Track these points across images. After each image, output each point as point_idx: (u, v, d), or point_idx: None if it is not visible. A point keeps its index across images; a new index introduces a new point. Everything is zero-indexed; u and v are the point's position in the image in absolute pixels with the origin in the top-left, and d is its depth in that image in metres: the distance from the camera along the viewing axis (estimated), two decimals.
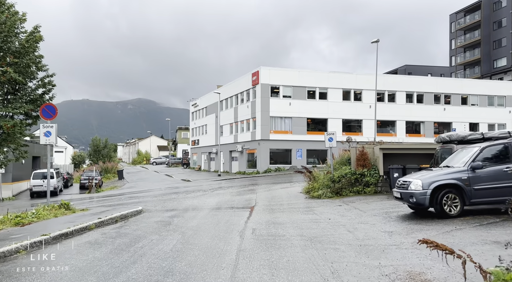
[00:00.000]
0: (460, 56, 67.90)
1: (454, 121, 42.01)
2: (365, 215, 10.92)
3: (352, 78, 39.69)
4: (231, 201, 17.21)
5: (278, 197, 17.69)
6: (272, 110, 37.17)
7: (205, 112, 52.44)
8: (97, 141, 52.09)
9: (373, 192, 16.38)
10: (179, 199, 19.18)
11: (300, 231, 8.92)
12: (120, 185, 35.92)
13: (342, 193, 16.55)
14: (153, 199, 20.12)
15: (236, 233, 9.09)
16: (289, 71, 38.55)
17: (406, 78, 42.40)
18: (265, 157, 36.80)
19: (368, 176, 16.62)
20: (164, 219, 12.26)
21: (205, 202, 17.17)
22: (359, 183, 16.67)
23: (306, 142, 37.75)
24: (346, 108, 39.12)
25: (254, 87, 38.19)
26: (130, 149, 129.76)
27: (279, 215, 12.08)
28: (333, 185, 16.84)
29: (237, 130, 42.63)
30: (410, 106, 41.13)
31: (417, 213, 10.49)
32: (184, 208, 15.25)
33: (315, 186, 17.56)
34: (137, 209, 14.19)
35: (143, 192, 25.79)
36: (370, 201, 14.08)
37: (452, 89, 42.26)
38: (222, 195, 20.24)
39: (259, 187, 23.30)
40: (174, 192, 23.35)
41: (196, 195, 21.00)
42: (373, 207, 12.55)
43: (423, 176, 9.55)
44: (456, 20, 68.51)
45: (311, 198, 16.63)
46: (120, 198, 22.82)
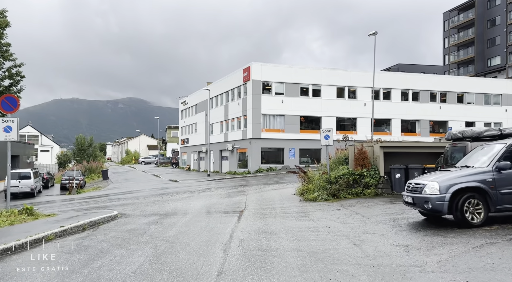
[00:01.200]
0: (454, 54, 67.16)
1: (450, 120, 40.97)
2: (369, 222, 9.50)
3: (347, 75, 38.40)
4: (219, 204, 15.71)
5: (270, 200, 16.24)
6: (264, 108, 35.71)
7: (194, 110, 50.76)
8: (82, 140, 50.00)
9: (374, 194, 15.00)
10: (162, 202, 17.62)
11: (296, 244, 7.46)
12: (103, 185, 34.14)
13: (340, 195, 15.15)
14: (134, 202, 18.53)
15: (220, 246, 7.60)
16: (282, 67, 37.12)
17: (401, 76, 41.24)
18: (257, 156, 35.33)
19: (368, 176, 15.24)
20: (140, 226, 10.71)
21: (190, 205, 15.65)
22: (358, 184, 15.28)
23: (299, 141, 36.35)
24: (340, 106, 37.82)
25: (245, 83, 36.68)
26: (119, 148, 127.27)
27: (271, 222, 10.62)
28: (329, 186, 15.44)
29: (227, 129, 41.09)
30: (405, 105, 39.98)
31: (429, 220, 9.10)
32: (166, 213, 13.71)
33: (310, 187, 16.15)
34: (111, 215, 12.61)
35: (125, 194, 24.15)
36: (371, 205, 12.68)
37: (448, 87, 41.22)
38: (210, 197, 18.73)
39: (249, 188, 21.84)
40: (158, 194, 21.76)
41: (181, 197, 19.45)
42: (377, 211, 11.15)
43: (439, 177, 8.14)
44: (449, 19, 67.75)
45: (306, 200, 15.21)
46: (99, 200, 21.17)
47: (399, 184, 15.35)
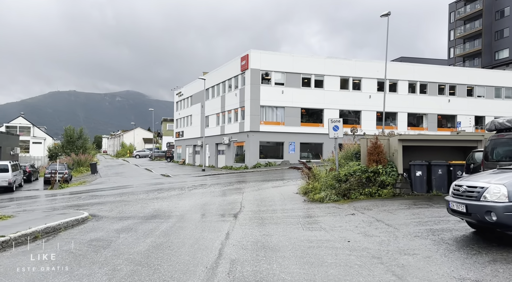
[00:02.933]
0: (460, 47, 64.88)
1: (459, 114, 38.87)
2: (400, 234, 7.37)
3: (351, 65, 36.15)
4: (211, 205, 13.57)
5: (270, 199, 14.11)
6: (263, 99, 33.47)
7: (190, 101, 48.45)
8: (71, 131, 47.55)
9: (391, 194, 12.86)
10: (146, 201, 15.46)
11: (310, 270, 5.33)
12: (90, 179, 31.94)
13: (351, 196, 13.02)
14: (115, 200, 16.38)
15: (202, 272, 5.45)
16: (282, 56, 34.84)
17: (408, 66, 38.97)
18: (255, 151, 33.16)
19: (384, 174, 13.09)
20: (107, 235, 8.56)
21: (177, 206, 13.49)
22: (373, 183, 13.14)
23: (299, 134, 34.19)
24: (344, 98, 35.61)
25: (243, 73, 34.40)
26: (114, 142, 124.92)
27: (271, 230, 8.48)
28: (339, 185, 13.30)
29: (224, 121, 38.86)
30: (412, 97, 37.80)
31: (482, 234, 6.98)
32: (146, 215, 11.56)
33: (316, 186, 14.00)
34: (78, 218, 10.45)
35: (110, 190, 21.98)
36: (392, 209, 10.56)
37: (457, 79, 39.04)
38: (202, 195, 16.59)
39: (247, 185, 19.70)
40: (145, 191, 19.60)
41: (170, 194, 17.29)
42: (403, 218, 9.02)
43: (505, 178, 5.98)
44: (456, 10, 65.40)
45: (311, 201, 13.08)
46: (80, 197, 19.01)
47: (420, 183, 13.25)
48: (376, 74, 36.53)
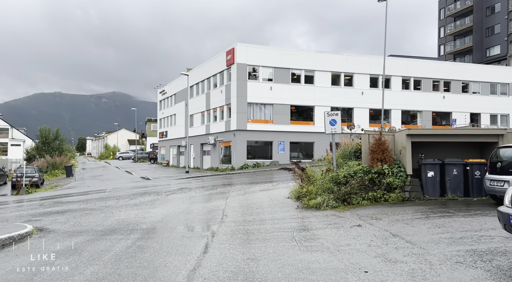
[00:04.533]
0: (450, 44, 63.81)
1: (454, 111, 37.40)
2: (434, 259, 5.40)
3: (342, 60, 34.36)
4: (187, 213, 11.47)
5: (257, 206, 12.08)
6: (250, 96, 31.42)
7: (174, 100, 46.11)
8: (46, 132, 44.76)
9: (401, 199, 10.94)
10: (113, 208, 13.27)
11: None
12: (63, 183, 29.45)
13: (352, 201, 11.08)
14: (79, 207, 14.14)
15: None
16: (270, 50, 32.82)
17: (402, 62, 37.34)
18: (242, 151, 31.08)
19: (391, 175, 11.17)
20: (38, 261, 6.40)
21: (147, 216, 11.36)
22: (378, 186, 11.21)
23: (289, 133, 32.23)
24: (335, 95, 33.77)
25: (229, 68, 32.30)
26: (98, 143, 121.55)
27: (258, 251, 6.45)
28: (337, 188, 11.34)
29: (209, 120, 36.69)
30: (406, 94, 36.20)
31: None
32: (104, 229, 9.41)
33: (310, 189, 12.01)
34: (15, 234, 8.25)
35: (80, 195, 19.68)
36: (407, 218, 8.61)
37: (451, 75, 37.58)
38: (179, 201, 14.46)
39: (232, 188, 17.63)
40: (117, 196, 17.36)
41: (142, 200, 15.11)
42: (427, 232, 7.06)
43: None
44: (446, 6, 64.35)
45: (306, 207, 11.10)
46: (42, 204, 16.69)
47: (432, 186, 11.35)
48: (368, 70, 34.86)
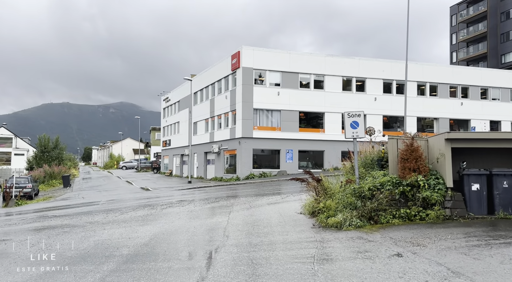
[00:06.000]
0: (463, 51, 61.78)
1: (473, 119, 35.30)
2: None
3: (354, 64, 32.55)
4: (181, 233, 9.59)
5: (265, 223, 10.17)
6: (256, 101, 29.66)
7: (177, 107, 44.52)
8: (46, 140, 43.28)
9: (442, 218, 8.94)
10: (98, 225, 11.43)
11: None
12: (58, 194, 27.75)
13: (381, 219, 9.13)
14: (61, 223, 12.32)
15: None
16: (278, 53, 31.12)
17: (417, 66, 35.37)
18: (247, 160, 29.20)
19: (427, 188, 9.21)
20: None
21: (133, 236, 9.49)
22: (412, 201, 9.24)
23: (298, 141, 30.35)
24: (346, 101, 31.85)
25: (234, 72, 30.64)
26: (104, 153, 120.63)
27: None
28: (362, 204, 9.40)
29: (213, 127, 34.94)
30: (422, 100, 34.21)
31: None
32: (75, 256, 7.56)
33: (329, 204, 10.06)
34: None
35: (68, 208, 17.89)
36: (460, 245, 6.64)
37: (469, 80, 35.57)
38: (175, 216, 12.59)
39: (236, 200, 15.73)
40: (106, 210, 15.52)
41: (134, 215, 13.25)
42: (502, 269, 5.11)
43: None
44: (458, 12, 62.51)
45: (324, 226, 9.18)
46: (24, 219, 14.92)
47: (478, 201, 9.33)
48: (381, 75, 33.03)
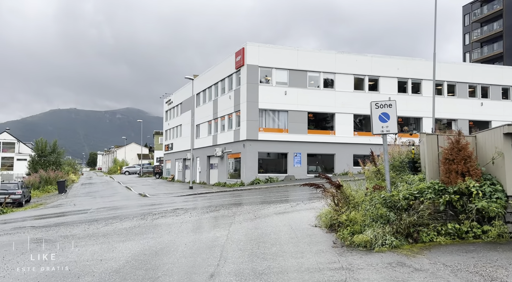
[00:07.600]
0: (477, 51, 59.50)
1: (494, 120, 32.94)
2: None
3: (367, 62, 30.53)
4: (168, 253, 7.60)
5: (273, 240, 8.16)
6: (262, 101, 27.72)
7: (179, 109, 42.73)
8: (43, 144, 41.64)
9: (507, 236, 6.88)
10: (71, 241, 9.48)
11: None
12: (50, 201, 25.94)
13: (422, 237, 7.10)
14: (32, 237, 10.40)
15: None
16: (285, 50, 29.21)
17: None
18: (252, 164, 27.21)
19: (481, 197, 7.15)
20: None
21: (106, 257, 7.52)
22: (464, 214, 7.19)
23: (306, 144, 28.32)
24: (358, 101, 29.78)
25: (239, 70, 28.76)
26: (108, 158, 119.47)
27: None
28: (397, 216, 7.37)
29: (216, 130, 33.04)
30: (439, 100, 31.97)
31: None
32: None
33: (352, 217, 8.01)
34: None
35: (54, 217, 16.02)
36: None
37: (490, 79, 33.39)
38: (166, 229, 10.62)
39: (239, 209, 13.74)
40: (92, 220, 13.60)
41: (119, 227, 11.30)
42: None
43: None
44: (471, 11, 60.32)
45: (349, 245, 7.18)
46: (3, 230, 13.03)
47: None
48: (396, 73, 30.98)
